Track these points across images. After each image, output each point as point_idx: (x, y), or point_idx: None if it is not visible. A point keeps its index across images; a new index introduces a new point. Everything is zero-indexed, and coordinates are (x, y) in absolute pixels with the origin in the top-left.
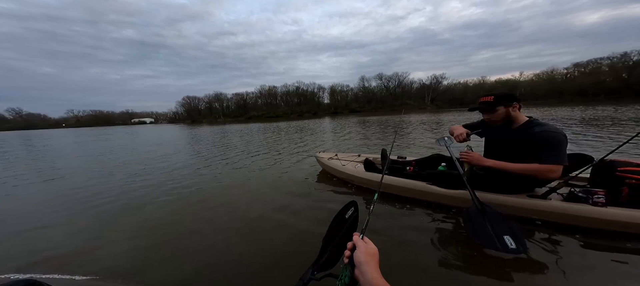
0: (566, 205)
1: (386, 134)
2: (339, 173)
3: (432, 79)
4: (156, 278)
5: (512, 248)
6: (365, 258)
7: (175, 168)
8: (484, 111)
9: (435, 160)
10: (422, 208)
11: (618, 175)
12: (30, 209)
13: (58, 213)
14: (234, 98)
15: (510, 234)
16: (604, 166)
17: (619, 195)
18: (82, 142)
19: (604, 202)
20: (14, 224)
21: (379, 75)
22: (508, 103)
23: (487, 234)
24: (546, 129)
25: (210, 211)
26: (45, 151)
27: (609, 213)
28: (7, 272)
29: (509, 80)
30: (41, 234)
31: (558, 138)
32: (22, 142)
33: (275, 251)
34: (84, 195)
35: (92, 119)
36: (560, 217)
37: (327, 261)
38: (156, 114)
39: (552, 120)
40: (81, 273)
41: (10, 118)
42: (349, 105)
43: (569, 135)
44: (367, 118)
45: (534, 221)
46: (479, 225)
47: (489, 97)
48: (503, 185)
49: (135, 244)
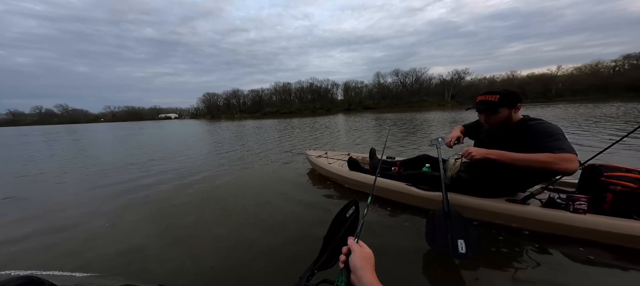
0: (543, 211)
1: (400, 130)
2: (325, 172)
3: (453, 74)
4: (157, 275)
5: (461, 252)
6: (361, 262)
7: (194, 165)
8: (483, 111)
9: (421, 161)
10: (403, 210)
11: (603, 180)
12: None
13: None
14: (249, 95)
15: (465, 238)
16: (591, 171)
17: (602, 202)
18: (121, 135)
19: (585, 209)
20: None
21: (395, 71)
22: (513, 104)
23: (443, 238)
24: (540, 121)
25: (218, 202)
26: (80, 145)
27: (588, 221)
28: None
29: (544, 74)
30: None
31: (556, 128)
32: (74, 135)
33: (271, 251)
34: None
35: (126, 114)
36: (537, 224)
37: (327, 260)
38: (180, 110)
39: (592, 121)
40: (81, 269)
41: (59, 114)
42: (363, 102)
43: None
44: (381, 115)
45: (510, 228)
46: (440, 228)
47: (493, 95)
48: (485, 188)
49: (136, 242)
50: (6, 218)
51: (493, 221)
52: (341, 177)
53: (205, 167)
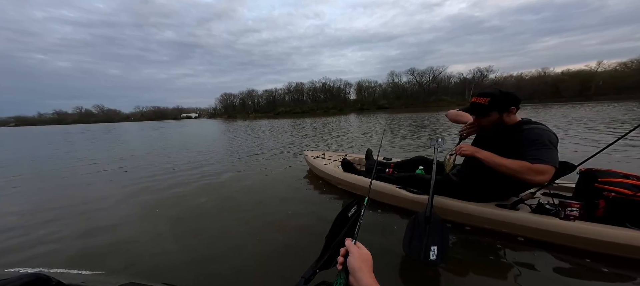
0: (531, 216)
1: (415, 128)
2: (320, 173)
3: (475, 72)
4: (160, 272)
5: (432, 259)
6: (359, 264)
7: (208, 164)
8: (474, 114)
9: (415, 163)
10: (395, 212)
11: (597, 186)
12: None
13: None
14: (264, 95)
15: (438, 244)
16: (586, 176)
17: (595, 208)
18: (155, 134)
19: (576, 216)
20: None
21: (411, 69)
22: (504, 109)
23: (418, 242)
24: (533, 127)
25: (228, 201)
26: (111, 139)
27: (576, 228)
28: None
29: (582, 70)
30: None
31: (545, 136)
32: (114, 134)
33: (273, 248)
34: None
35: (153, 114)
36: (525, 230)
37: (329, 259)
38: (199, 109)
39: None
40: (87, 267)
41: (96, 113)
42: (377, 102)
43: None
44: (395, 115)
45: (499, 233)
46: (417, 232)
47: (483, 98)
48: (475, 192)
49: (143, 242)
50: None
51: (482, 226)
52: (335, 178)
53: (219, 165)
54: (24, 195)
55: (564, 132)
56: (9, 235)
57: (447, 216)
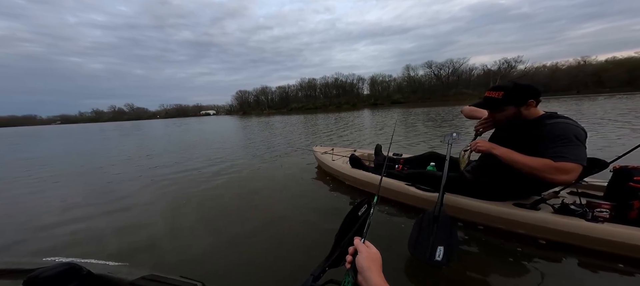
0: (553, 217)
1: (436, 123)
2: (328, 169)
3: (501, 64)
4: (175, 266)
5: (437, 260)
6: (368, 263)
7: (226, 160)
8: (488, 108)
9: (427, 159)
10: (403, 209)
11: (631, 185)
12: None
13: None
14: (277, 91)
15: (445, 245)
16: (620, 174)
17: (629, 210)
18: (178, 130)
19: (605, 217)
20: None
21: (428, 62)
22: (521, 101)
23: (424, 243)
24: (557, 121)
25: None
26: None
27: (603, 230)
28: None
29: (629, 58)
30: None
31: (571, 130)
32: (145, 131)
33: (282, 245)
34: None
35: (175, 111)
36: (547, 231)
37: (338, 258)
38: (217, 107)
39: None
40: (114, 259)
41: (127, 111)
42: (391, 96)
43: None
44: (410, 109)
45: (515, 234)
46: (425, 232)
47: (497, 92)
48: (491, 191)
49: (161, 236)
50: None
51: (497, 226)
52: (343, 174)
53: (233, 159)
54: (65, 188)
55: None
56: (56, 224)
57: (458, 215)
